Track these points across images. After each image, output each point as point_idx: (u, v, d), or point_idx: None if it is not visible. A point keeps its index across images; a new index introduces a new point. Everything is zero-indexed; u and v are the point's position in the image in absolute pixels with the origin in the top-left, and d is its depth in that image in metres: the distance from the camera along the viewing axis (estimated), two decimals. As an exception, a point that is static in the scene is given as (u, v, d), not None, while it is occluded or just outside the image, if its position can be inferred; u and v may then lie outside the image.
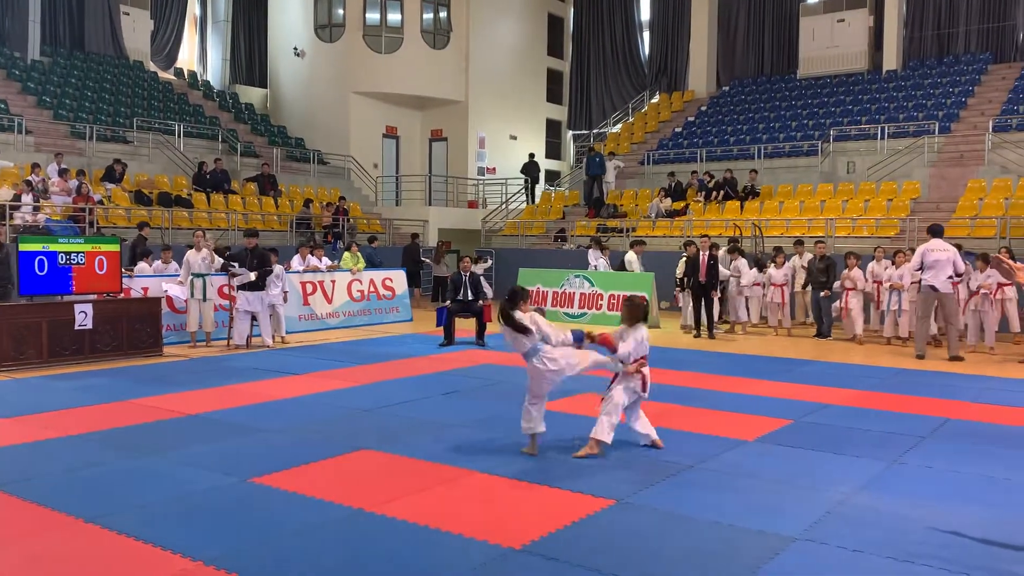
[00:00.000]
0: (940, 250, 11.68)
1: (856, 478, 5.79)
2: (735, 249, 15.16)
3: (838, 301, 13.81)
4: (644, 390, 6.48)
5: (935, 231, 11.97)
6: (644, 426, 6.56)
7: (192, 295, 12.30)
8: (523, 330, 6.20)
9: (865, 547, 4.52)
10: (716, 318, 14.50)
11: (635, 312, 6.53)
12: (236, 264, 12.39)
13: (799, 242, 15.51)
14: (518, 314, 6.23)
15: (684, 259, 14.56)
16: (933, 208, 18.03)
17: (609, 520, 4.97)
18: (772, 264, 14.70)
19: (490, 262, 19.16)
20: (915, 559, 4.36)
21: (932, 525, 4.89)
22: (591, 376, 6.99)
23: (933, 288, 11.65)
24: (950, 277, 11.64)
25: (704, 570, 4.26)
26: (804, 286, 14.57)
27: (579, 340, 6.33)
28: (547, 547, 4.51)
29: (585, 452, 6.29)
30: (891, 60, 24.64)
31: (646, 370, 6.50)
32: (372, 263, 17.14)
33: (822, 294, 13.91)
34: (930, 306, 12.01)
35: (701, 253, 14.13)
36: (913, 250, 13.04)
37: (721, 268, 14.37)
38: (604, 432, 6.30)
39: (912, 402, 8.56)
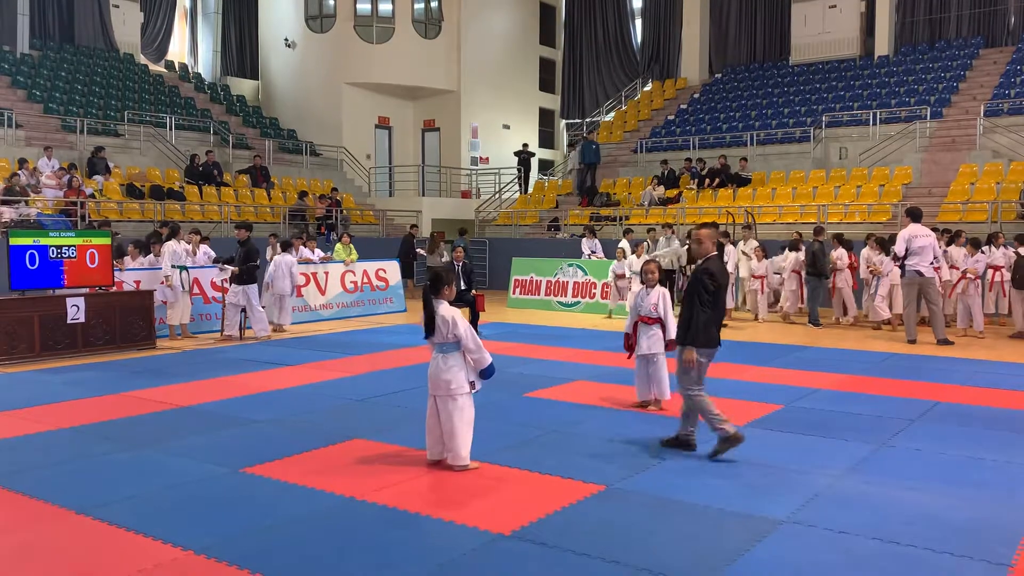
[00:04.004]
0: (924, 235, 11.68)
1: (844, 461, 5.84)
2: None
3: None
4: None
5: (915, 215, 11.90)
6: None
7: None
8: (431, 319, 5.76)
9: (851, 529, 4.56)
10: None
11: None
12: (223, 260, 12.64)
13: (747, 227, 15.49)
14: (441, 305, 5.79)
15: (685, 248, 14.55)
16: (925, 193, 18.05)
17: (599, 505, 5.01)
18: (781, 251, 14.65)
19: (446, 256, 18.69)
20: (900, 540, 4.40)
21: (918, 507, 4.93)
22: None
23: (919, 273, 11.63)
24: (931, 262, 11.66)
25: (693, 553, 4.29)
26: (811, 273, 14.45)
27: (488, 375, 5.90)
28: (537, 532, 4.54)
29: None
30: (883, 46, 24.62)
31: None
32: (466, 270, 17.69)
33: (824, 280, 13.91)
34: (914, 291, 11.91)
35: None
36: (893, 237, 12.96)
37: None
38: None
39: (901, 386, 8.61)
